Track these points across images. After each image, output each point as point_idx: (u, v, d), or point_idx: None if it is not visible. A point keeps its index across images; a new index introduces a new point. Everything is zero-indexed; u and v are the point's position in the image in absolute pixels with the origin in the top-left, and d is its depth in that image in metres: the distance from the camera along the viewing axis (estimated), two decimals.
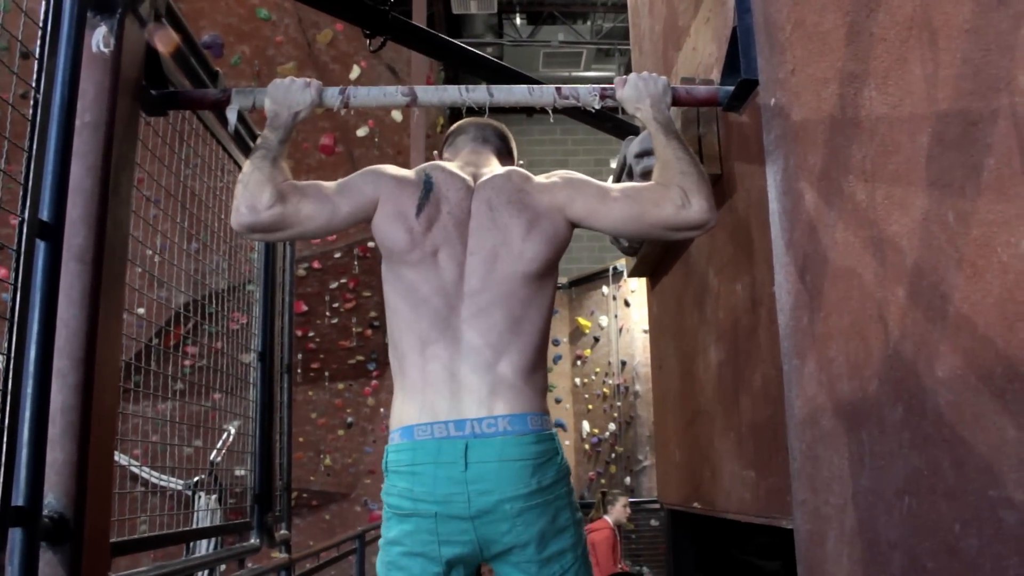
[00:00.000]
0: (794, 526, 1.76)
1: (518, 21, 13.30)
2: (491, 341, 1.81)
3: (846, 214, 1.51)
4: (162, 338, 3.03)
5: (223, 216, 2.90)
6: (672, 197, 1.81)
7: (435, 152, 8.88)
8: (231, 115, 2.07)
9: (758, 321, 2.13)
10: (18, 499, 1.39)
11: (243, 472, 3.33)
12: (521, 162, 2.16)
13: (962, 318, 1.16)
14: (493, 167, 2.03)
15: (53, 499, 1.56)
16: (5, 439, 1.40)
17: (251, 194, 1.82)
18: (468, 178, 1.95)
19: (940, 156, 1.22)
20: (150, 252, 2.41)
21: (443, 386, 1.79)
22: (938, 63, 1.22)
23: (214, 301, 2.95)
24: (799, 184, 1.70)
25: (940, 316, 1.21)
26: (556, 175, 1.97)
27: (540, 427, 1.80)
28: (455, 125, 2.20)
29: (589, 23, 13.35)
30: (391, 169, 1.96)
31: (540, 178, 1.97)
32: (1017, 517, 1.05)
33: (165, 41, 2.10)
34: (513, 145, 2.20)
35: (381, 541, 1.85)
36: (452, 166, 1.98)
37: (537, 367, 1.87)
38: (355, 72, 10.16)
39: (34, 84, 1.55)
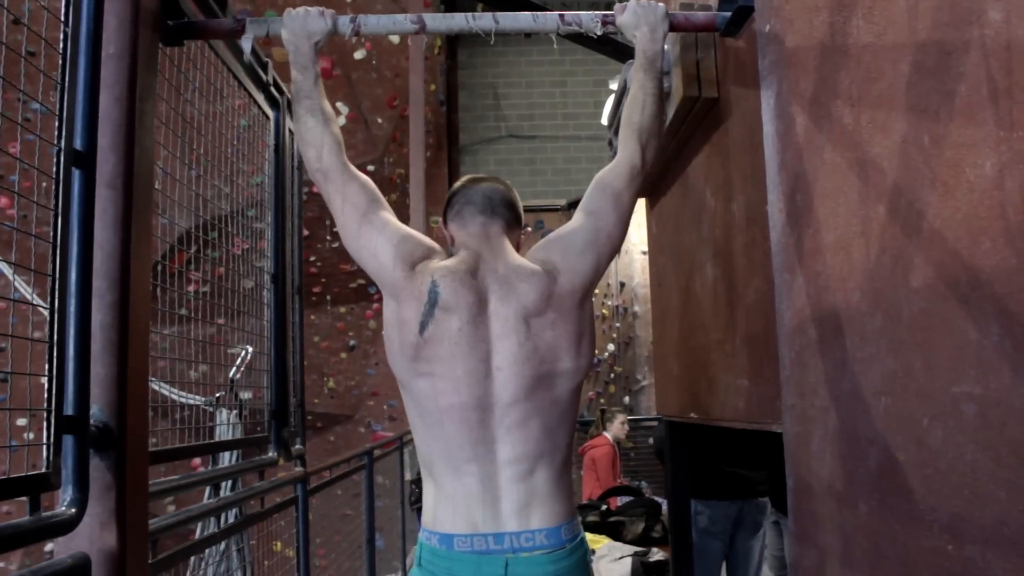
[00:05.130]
0: (783, 429, 1.89)
1: None
2: (528, 452, 1.79)
3: (834, 137, 1.61)
4: (167, 260, 3.11)
5: (220, 142, 2.94)
6: (632, 165, 1.96)
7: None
8: (246, 45, 2.11)
9: (752, 238, 2.23)
10: (68, 409, 1.48)
11: (249, 396, 3.46)
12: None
13: (934, 233, 1.27)
14: (507, 257, 1.90)
15: (97, 410, 1.67)
16: (55, 354, 1.52)
17: (304, 154, 1.93)
18: (481, 282, 1.83)
19: (918, 83, 1.31)
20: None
21: (479, 497, 1.77)
22: None
23: (218, 225, 3.00)
24: (791, 108, 1.79)
25: (915, 231, 1.32)
26: (549, 251, 1.90)
27: (572, 536, 1.82)
28: (459, 187, 2.04)
29: None
30: (410, 248, 1.85)
31: (552, 259, 1.87)
32: (975, 409, 1.17)
33: None
34: (521, 209, 2.05)
35: None
36: (462, 270, 1.83)
37: (567, 467, 1.87)
38: None
39: (63, 18, 1.62)
